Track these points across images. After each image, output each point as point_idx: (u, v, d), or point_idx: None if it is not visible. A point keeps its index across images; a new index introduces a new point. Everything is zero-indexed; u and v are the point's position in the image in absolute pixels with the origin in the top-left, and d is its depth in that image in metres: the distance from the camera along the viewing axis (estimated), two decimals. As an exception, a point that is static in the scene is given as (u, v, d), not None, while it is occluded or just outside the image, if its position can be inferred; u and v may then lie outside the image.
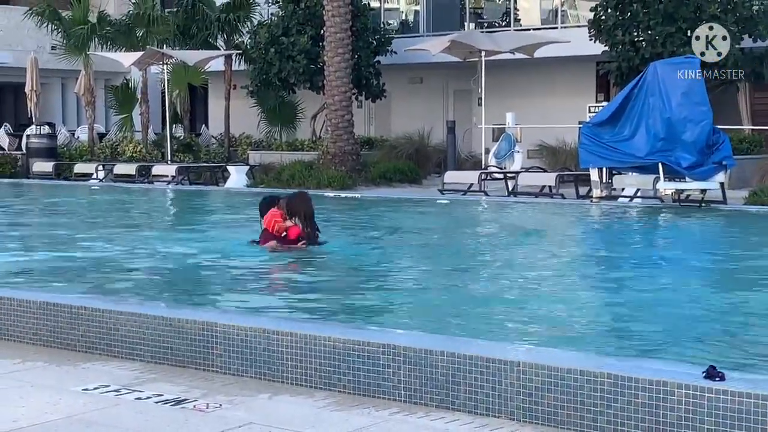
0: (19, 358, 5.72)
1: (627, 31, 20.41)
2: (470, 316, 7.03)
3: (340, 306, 7.52)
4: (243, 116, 27.87)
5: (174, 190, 21.19)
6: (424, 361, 4.74)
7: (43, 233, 13.08)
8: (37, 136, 25.98)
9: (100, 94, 32.02)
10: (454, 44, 22.25)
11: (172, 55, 25.08)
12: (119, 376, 5.32)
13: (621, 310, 7.48)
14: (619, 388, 4.23)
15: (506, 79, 25.11)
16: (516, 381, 4.49)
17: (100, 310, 5.87)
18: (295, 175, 21.05)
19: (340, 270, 9.52)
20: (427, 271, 9.55)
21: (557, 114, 23.97)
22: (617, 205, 15.93)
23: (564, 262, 10.27)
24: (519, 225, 14.50)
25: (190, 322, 5.51)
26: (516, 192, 18.47)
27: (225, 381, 5.20)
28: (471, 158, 24.05)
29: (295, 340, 5.13)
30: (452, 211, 16.59)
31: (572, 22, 25.45)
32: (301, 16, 24.62)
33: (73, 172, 24.17)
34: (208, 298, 7.92)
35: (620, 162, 15.95)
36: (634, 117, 15.62)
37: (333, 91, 22.11)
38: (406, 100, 28.06)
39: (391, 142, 25.05)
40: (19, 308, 6.16)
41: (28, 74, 27.39)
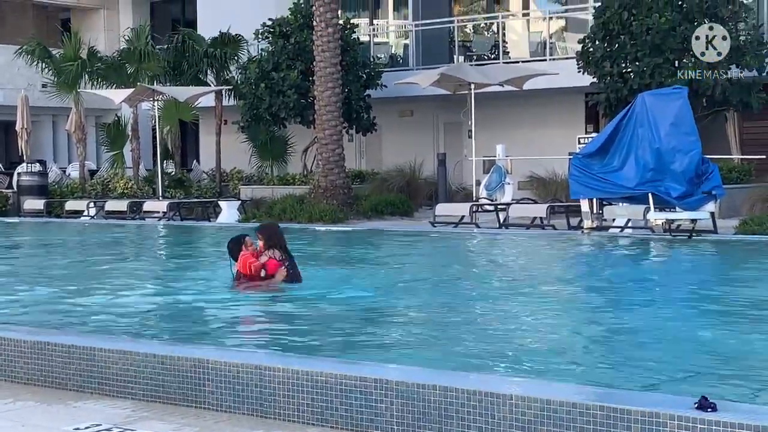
0: (11, 398, 5.70)
1: (615, 62, 20.54)
2: (462, 349, 7.02)
3: (330, 342, 7.50)
4: (234, 151, 27.93)
5: (165, 225, 21.18)
6: (416, 395, 4.74)
7: (33, 271, 13.04)
8: (28, 173, 25.98)
9: (91, 131, 32.10)
10: (443, 77, 22.36)
11: (163, 92, 25.16)
12: (111, 414, 5.30)
13: (613, 341, 7.48)
14: (612, 420, 4.23)
15: (496, 111, 25.23)
16: (509, 414, 4.49)
17: (91, 348, 5.86)
18: (286, 209, 21.07)
19: (324, 305, 9.50)
20: (418, 304, 9.54)
21: (547, 145, 24.08)
22: (608, 236, 15.96)
23: (555, 294, 10.28)
24: (510, 257, 14.52)
25: (182, 359, 5.50)
26: (507, 224, 18.51)
27: (217, 418, 5.19)
28: (462, 190, 24.13)
29: (287, 375, 5.12)
30: (443, 243, 16.61)
31: (561, 54, 25.61)
32: (290, 51, 24.74)
33: (65, 210, 24.16)
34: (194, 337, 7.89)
35: (610, 193, 15.98)
36: (623, 148, 15.68)
37: (323, 125, 22.19)
38: (397, 133, 28.16)
39: (382, 175, 25.12)
40: (10, 347, 6.14)
41: (19, 112, 27.45)
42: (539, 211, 18.46)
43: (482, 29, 29.26)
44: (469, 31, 29.19)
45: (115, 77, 27.05)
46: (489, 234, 17.37)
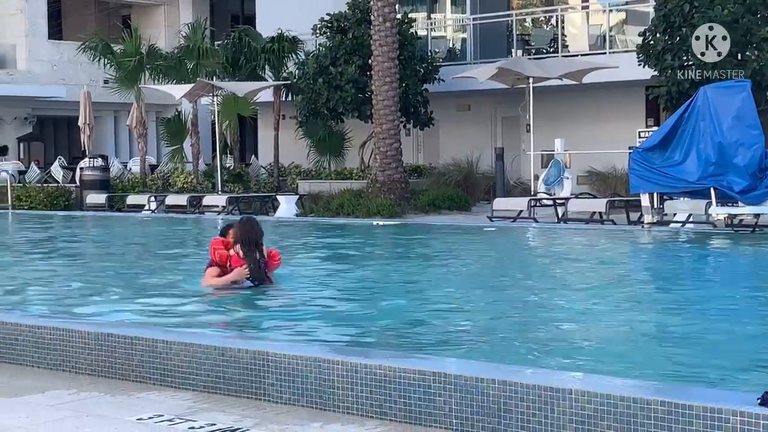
0: (75, 389, 5.80)
1: (676, 55, 20.28)
2: (521, 344, 7.00)
3: (387, 336, 7.52)
4: (292, 146, 28.07)
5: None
6: (475, 389, 4.73)
7: (99, 265, 13.24)
8: (90, 168, 26.37)
9: (151, 126, 32.50)
10: (501, 71, 22.27)
11: (222, 87, 25.37)
12: (173, 405, 5.36)
13: (673, 337, 7.40)
14: (673, 416, 4.19)
15: (554, 105, 25.06)
16: (568, 409, 4.46)
17: (154, 340, 5.93)
18: (344, 203, 21.14)
19: (381, 299, 9.51)
20: (476, 298, 9.52)
21: (606, 139, 23.87)
22: (669, 231, 15.78)
23: (615, 289, 10.19)
24: (569, 252, 14.42)
25: (242, 351, 5.55)
26: (566, 219, 18.38)
27: (277, 410, 5.23)
28: (520, 185, 24.00)
29: (347, 368, 5.14)
30: (502, 238, 16.55)
31: (620, 48, 25.36)
32: (348, 46, 24.80)
33: (126, 204, 24.47)
34: None
35: (671, 187, 15.81)
36: (684, 141, 15.51)
37: (381, 120, 22.21)
38: (455, 127, 28.10)
39: (439, 169, 25.09)
40: (74, 339, 6.25)
41: (82, 108, 27.87)
42: (598, 206, 18.31)
43: (541, 22, 29.08)
44: (527, 25, 29.03)
45: (175, 73, 27.33)
46: (547, 229, 17.27)
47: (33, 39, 35.97)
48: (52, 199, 25.85)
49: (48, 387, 5.85)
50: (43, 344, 6.39)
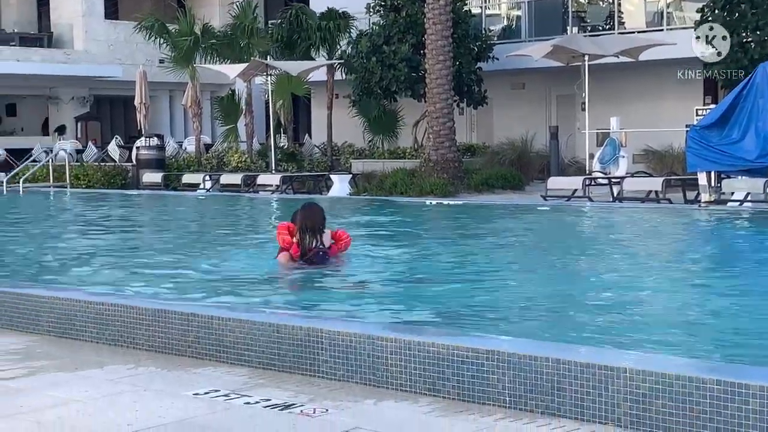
0: (133, 364, 5.89)
1: (735, 32, 19.96)
2: (575, 322, 6.97)
3: (443, 313, 7.53)
4: (345, 125, 28.10)
5: (278, 199, 21.49)
6: (529, 367, 4.73)
7: (157, 243, 13.39)
8: (146, 147, 26.65)
9: (206, 105, 32.72)
10: (556, 49, 22.08)
11: (276, 66, 25.46)
12: (228, 381, 5.43)
13: (730, 316, 7.33)
14: (729, 395, 4.16)
15: (610, 83, 24.81)
16: (623, 388, 4.44)
17: (210, 317, 6.00)
18: (397, 183, 21.14)
19: (437, 278, 9.51)
20: (531, 277, 9.50)
21: (663, 118, 23.58)
22: (727, 210, 15.58)
23: (672, 268, 10.10)
24: (625, 231, 14.31)
25: (297, 329, 5.60)
26: (621, 197, 18.23)
27: (331, 386, 5.27)
28: (574, 164, 23.83)
29: (400, 346, 5.16)
30: (556, 217, 16.46)
31: (678, 24, 25.00)
32: (402, 24, 24.74)
33: (181, 183, 24.71)
34: None
35: (729, 165, 15.62)
36: (743, 119, 15.29)
37: (434, 99, 22.15)
38: (509, 106, 27.94)
39: (493, 148, 24.98)
40: (133, 315, 6.34)
41: (137, 87, 28.14)
42: (655, 185, 18.13)
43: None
44: (583, 1, 28.71)
45: (229, 52, 27.47)
46: (603, 208, 17.14)
47: (90, 19, 36.36)
48: (109, 177, 26.17)
49: (107, 362, 5.95)
50: (102, 320, 6.50)
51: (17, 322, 6.99)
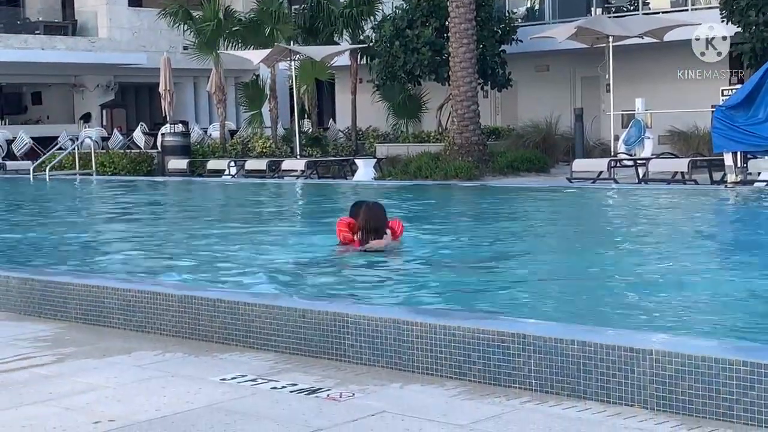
0: (160, 350, 5.93)
1: (761, 11, 19.77)
2: (602, 305, 6.96)
3: (467, 297, 7.54)
4: (369, 109, 28.09)
5: (304, 184, 21.52)
6: (555, 350, 4.73)
7: (178, 229, 13.45)
8: (171, 134, 26.75)
9: (230, 91, 32.80)
10: (580, 30, 21.96)
11: (299, 51, 25.46)
12: (255, 366, 5.46)
13: (758, 297, 7.29)
14: (756, 376, 4.14)
15: (635, 64, 24.66)
16: (649, 369, 4.44)
17: (236, 302, 6.04)
18: (422, 166, 21.14)
19: (463, 261, 9.52)
20: (561, 258, 9.48)
21: (689, 98, 23.43)
22: (753, 190, 15.48)
23: (700, 249, 10.06)
24: (652, 212, 14.25)
25: (323, 314, 5.62)
26: (647, 179, 18.14)
27: (357, 371, 5.29)
28: (599, 146, 23.73)
29: (426, 329, 5.17)
30: (582, 199, 16.41)
31: (703, 4, 24.81)
32: (425, 8, 24.68)
33: (207, 169, 24.79)
34: None
35: (755, 146, 15.52)
36: (769, 99, 15.18)
37: (458, 82, 22.10)
38: (533, 88, 27.84)
39: (517, 131, 24.92)
40: (160, 302, 6.39)
41: (162, 74, 28.23)
42: (680, 166, 18.03)
43: (620, -20, 28.55)
44: (607, -18, 28.53)
45: (252, 38, 27.49)
46: (628, 189, 17.06)
47: (113, 6, 36.49)
48: (135, 164, 26.29)
49: (134, 348, 6.00)
50: (129, 306, 6.55)
51: (46, 310, 7.05)
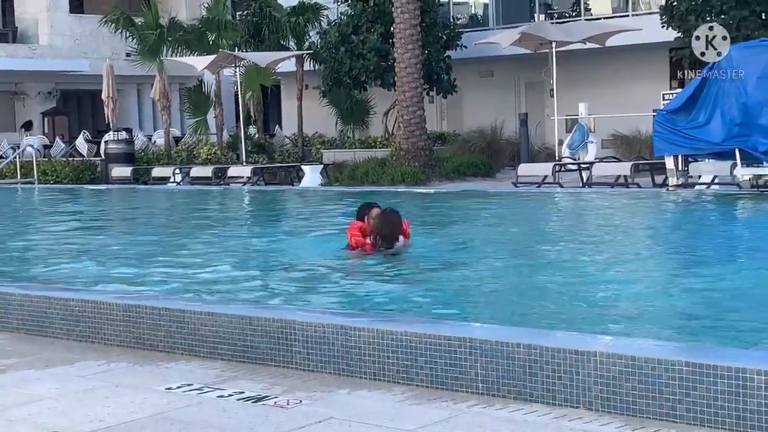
0: (105, 360, 5.87)
1: (700, 16, 20.08)
2: (547, 308, 7.02)
3: (416, 302, 7.55)
4: (316, 115, 28.06)
5: (251, 191, 21.43)
6: (501, 353, 4.76)
7: (127, 238, 13.33)
8: (114, 141, 26.48)
9: (174, 98, 32.54)
10: (524, 36, 22.14)
11: (244, 57, 25.36)
12: (201, 375, 5.42)
13: (699, 298, 7.40)
14: (698, 376, 4.20)
15: (578, 69, 24.90)
16: (594, 371, 4.48)
17: (181, 311, 5.99)
18: (368, 172, 21.15)
19: (411, 267, 9.54)
20: (507, 262, 9.53)
21: (631, 103, 23.72)
22: (694, 193, 15.71)
23: (641, 252, 10.18)
24: (595, 216, 14.39)
25: (269, 321, 5.60)
26: (591, 183, 18.33)
27: (305, 377, 5.28)
28: (544, 150, 23.93)
29: (373, 335, 5.18)
30: (527, 204, 16.52)
31: (644, 9, 25.14)
32: (370, 13, 24.72)
33: (151, 176, 24.59)
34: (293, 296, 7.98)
35: (696, 149, 15.73)
36: (709, 103, 15.40)
37: (404, 88, 22.16)
38: (478, 94, 27.99)
39: (463, 136, 25.03)
40: (104, 311, 6.32)
41: (105, 81, 27.94)
42: (623, 170, 18.24)
43: (563, -14, 28.83)
44: (549, -12, 28.80)
45: (197, 45, 27.34)
46: (573, 193, 17.23)
47: (54, 13, 36.06)
48: (78, 172, 25.99)
49: (78, 359, 5.93)
50: (72, 316, 6.47)
51: (-13, 320, 6.95)
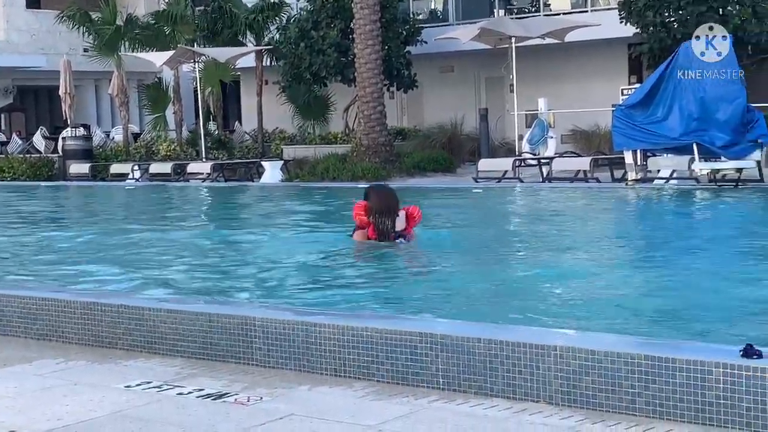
0: (63, 358, 5.81)
1: (658, 12, 20.26)
2: (508, 302, 7.04)
3: (379, 298, 7.55)
4: (276, 111, 27.98)
5: (211, 187, 21.32)
6: (462, 348, 4.76)
7: (85, 236, 13.21)
8: (72, 138, 26.25)
9: (133, 94, 32.31)
10: (484, 32, 22.20)
11: (203, 53, 25.23)
12: (161, 372, 5.38)
13: (658, 291, 7.46)
14: (657, 369, 4.23)
15: (538, 64, 25.02)
16: (554, 365, 4.50)
17: (140, 308, 5.94)
18: (329, 168, 21.13)
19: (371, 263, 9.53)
20: (464, 258, 9.55)
21: (590, 98, 23.88)
22: (653, 187, 15.85)
23: (600, 246, 10.25)
24: (555, 210, 14.47)
25: (230, 317, 5.57)
26: (551, 177, 18.42)
27: (265, 374, 5.25)
28: (504, 145, 24.03)
29: (333, 331, 5.16)
30: (488, 198, 16.58)
31: (602, 5, 25.31)
32: (330, 9, 24.67)
33: (110, 173, 24.39)
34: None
35: (654, 144, 15.86)
36: (667, 98, 15.53)
37: (364, 83, 22.15)
38: (438, 89, 28.05)
39: (424, 132, 25.08)
40: (62, 309, 6.25)
41: (62, 77, 27.67)
42: (583, 164, 18.36)
43: (522, -19, 28.97)
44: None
45: (154, 40, 27.15)
46: (533, 188, 17.31)
47: (10, 8, 35.65)
48: (35, 169, 25.73)
49: (35, 357, 5.86)
50: (30, 315, 6.39)
51: (-58, 320, 6.85)
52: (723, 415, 4.07)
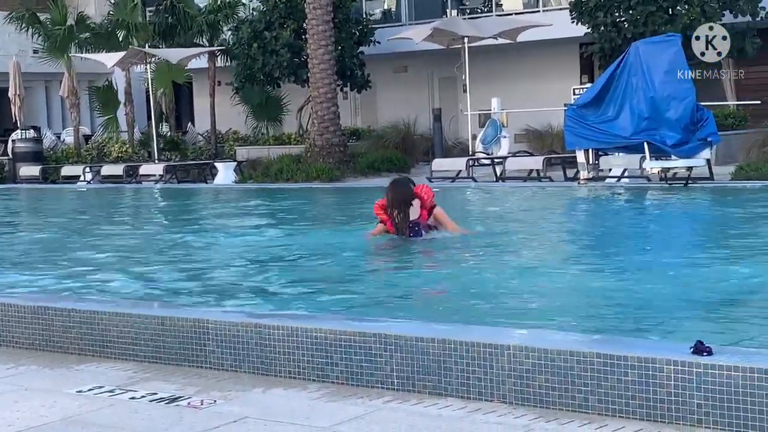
0: (13, 363, 5.74)
1: (608, 12, 20.44)
2: (462, 303, 7.06)
3: (332, 300, 7.54)
4: (229, 112, 27.85)
5: (163, 189, 21.18)
6: (415, 348, 4.77)
7: (34, 239, 13.06)
8: (22, 140, 25.95)
9: (84, 96, 32.00)
10: (436, 32, 22.27)
11: (155, 54, 25.05)
12: (113, 376, 5.34)
13: (609, 289, 7.52)
14: (609, 367, 4.27)
15: (490, 64, 25.13)
16: (507, 365, 4.52)
17: (92, 312, 5.88)
18: (283, 169, 21.08)
19: (326, 265, 9.53)
20: (419, 260, 9.57)
21: (542, 97, 24.04)
22: (605, 186, 15.99)
23: (551, 245, 10.32)
24: (508, 210, 14.55)
25: (182, 320, 5.53)
26: (504, 177, 18.52)
27: (219, 377, 5.23)
28: (458, 145, 24.12)
29: (287, 333, 5.15)
30: (441, 198, 16.57)
31: (554, 5, 25.48)
32: (282, 9, 24.61)
33: (61, 175, 24.15)
34: None
35: (606, 143, 15.99)
36: (617, 97, 15.66)
37: (318, 84, 22.12)
38: (392, 89, 28.08)
39: (377, 132, 25.10)
40: (11, 313, 6.17)
41: (11, 78, 27.35)
42: (536, 164, 18.48)
43: (474, -18, 29.07)
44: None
45: (105, 42, 26.91)
46: (486, 187, 17.39)
47: (-42, 10, 35.11)
48: (-16, 172, 25.42)
49: (-16, 363, 5.79)
50: (-22, 320, 6.31)
51: None
52: (674, 411, 4.11)
